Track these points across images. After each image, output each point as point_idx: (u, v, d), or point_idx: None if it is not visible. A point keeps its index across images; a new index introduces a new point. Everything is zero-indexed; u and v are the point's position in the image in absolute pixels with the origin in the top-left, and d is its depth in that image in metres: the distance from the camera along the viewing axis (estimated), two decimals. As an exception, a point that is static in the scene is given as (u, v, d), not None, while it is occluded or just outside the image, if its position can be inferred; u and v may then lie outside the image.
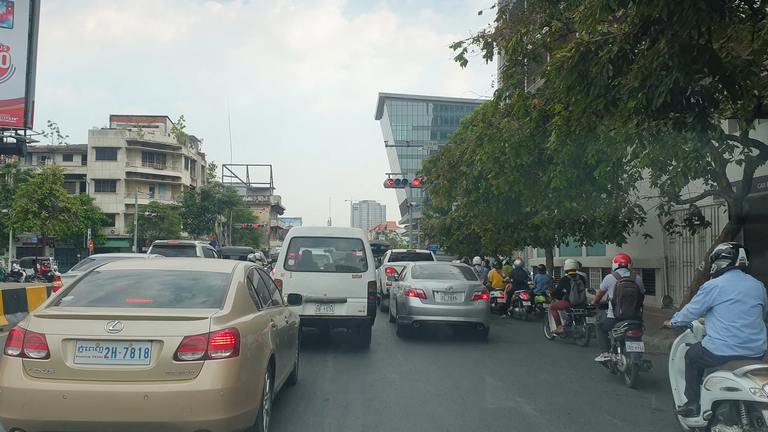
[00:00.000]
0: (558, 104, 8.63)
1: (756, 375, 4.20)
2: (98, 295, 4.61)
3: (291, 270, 9.63)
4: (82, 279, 4.82)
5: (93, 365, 3.96)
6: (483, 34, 10.13)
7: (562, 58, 6.70)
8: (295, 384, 6.97)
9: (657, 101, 6.24)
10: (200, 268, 5.31)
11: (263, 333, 4.94)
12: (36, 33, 23.86)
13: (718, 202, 13.87)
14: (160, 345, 4.00)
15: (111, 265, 5.39)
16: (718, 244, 10.81)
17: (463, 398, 6.60)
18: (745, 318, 4.73)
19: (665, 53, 5.84)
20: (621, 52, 6.40)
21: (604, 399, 6.71)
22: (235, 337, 4.16)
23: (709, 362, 4.77)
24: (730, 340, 4.71)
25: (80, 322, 4.12)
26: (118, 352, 4.00)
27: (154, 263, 5.76)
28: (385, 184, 29.37)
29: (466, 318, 11.10)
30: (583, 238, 15.52)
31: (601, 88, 6.65)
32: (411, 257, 17.68)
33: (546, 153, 11.54)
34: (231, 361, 4.10)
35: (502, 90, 11.14)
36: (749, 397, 4.13)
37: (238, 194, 62.73)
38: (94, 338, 4.00)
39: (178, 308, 4.46)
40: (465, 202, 18.62)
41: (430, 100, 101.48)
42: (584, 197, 12.60)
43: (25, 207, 42.38)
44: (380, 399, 6.48)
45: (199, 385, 3.96)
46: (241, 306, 4.65)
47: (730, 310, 4.76)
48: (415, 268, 12.38)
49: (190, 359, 4.00)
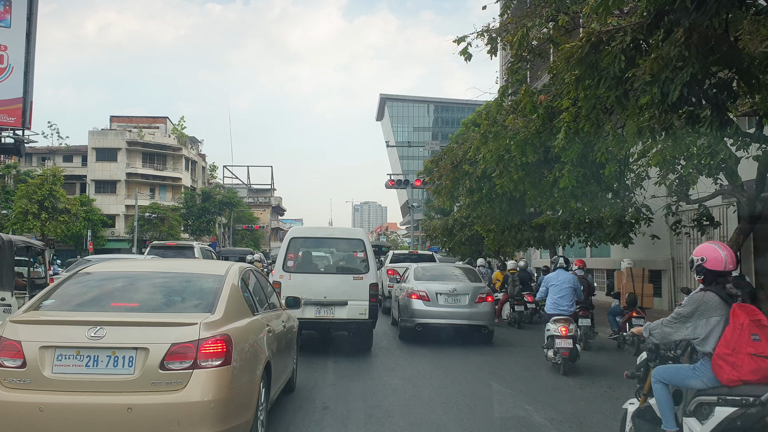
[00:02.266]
0: (566, 100, 8.32)
1: (556, 322, 8.40)
2: (81, 299, 4.32)
3: (290, 271, 9.35)
4: (65, 281, 4.53)
5: (72, 375, 3.66)
6: (487, 29, 9.83)
7: (571, 49, 6.40)
8: (294, 391, 6.68)
9: (673, 94, 5.93)
10: (192, 270, 5.02)
11: (258, 339, 4.65)
12: (34, 32, 23.58)
13: (726, 202, 13.56)
14: (145, 353, 3.71)
15: (98, 266, 5.11)
16: (731, 245, 10.57)
17: (470, 406, 6.30)
18: (561, 294, 8.70)
19: (682, 43, 5.53)
20: (634, 42, 6.09)
21: (615, 406, 6.38)
22: (226, 344, 3.87)
23: (544, 317, 9.00)
24: (553, 306, 8.71)
25: (59, 328, 3.83)
26: (99, 361, 3.70)
27: (144, 264, 5.47)
28: (387, 185, 29.01)
29: (470, 321, 10.80)
30: (588, 238, 15.22)
31: (613, 80, 6.34)
32: (413, 258, 17.39)
33: (552, 151, 11.25)
34: (222, 371, 3.81)
35: (506, 87, 10.84)
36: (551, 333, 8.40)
37: (238, 195, 62.42)
38: (74, 346, 3.71)
39: (165, 313, 4.16)
40: (468, 202, 18.34)
41: (430, 101, 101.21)
42: (589, 197, 12.31)
43: (24, 208, 42.13)
44: (382, 407, 6.18)
45: (188, 397, 3.66)
46: (234, 310, 4.35)
47: (554, 289, 8.80)
48: (417, 269, 12.08)
49: (177, 368, 3.70)
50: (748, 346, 3.61)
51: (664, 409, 3.93)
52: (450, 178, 15.65)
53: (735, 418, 3.53)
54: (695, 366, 3.91)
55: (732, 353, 3.64)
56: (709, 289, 3.89)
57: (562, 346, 8.16)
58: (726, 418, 3.56)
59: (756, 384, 3.53)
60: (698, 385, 3.82)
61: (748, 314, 3.70)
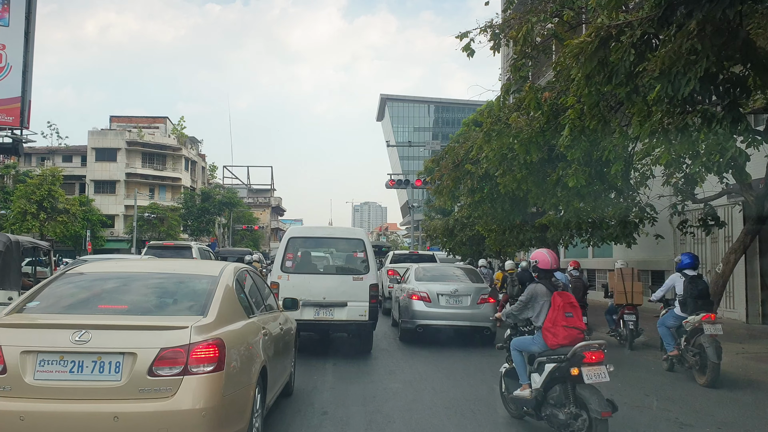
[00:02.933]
0: (571, 97, 8.12)
1: None
2: (67, 301, 4.11)
3: (288, 272, 9.14)
4: (51, 282, 4.32)
5: (55, 382, 3.46)
6: (491, 24, 9.63)
7: (580, 44, 6.21)
8: (292, 395, 6.47)
9: (684, 89, 5.74)
10: (184, 271, 4.81)
11: (254, 342, 4.44)
12: (32, 31, 23.44)
13: (732, 201, 13.36)
14: (132, 358, 3.51)
15: (87, 266, 4.90)
16: (738, 245, 10.38)
17: (473, 410, 6.10)
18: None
19: (695, 36, 5.34)
20: (644, 36, 5.90)
21: (624, 410, 6.18)
22: (219, 348, 3.67)
23: None
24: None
25: (42, 332, 3.62)
26: (84, 367, 3.50)
27: (135, 265, 5.26)
28: (387, 185, 28.80)
29: (472, 322, 10.60)
30: (590, 238, 15.01)
31: (623, 76, 6.14)
32: (413, 259, 17.19)
33: (556, 150, 11.05)
34: (214, 377, 3.60)
35: (510, 84, 10.64)
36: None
37: (238, 195, 62.26)
38: (58, 350, 3.51)
39: (155, 316, 3.95)
40: (469, 202, 18.13)
41: (431, 101, 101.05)
42: (593, 196, 12.12)
43: (23, 208, 41.95)
44: (383, 412, 5.98)
45: (178, 405, 3.46)
46: (227, 313, 4.15)
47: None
48: (418, 270, 11.87)
49: (167, 374, 3.50)
50: (563, 320, 5.09)
51: (520, 368, 5.45)
52: (451, 177, 15.45)
53: (554, 370, 5.01)
54: (533, 336, 5.39)
55: (553, 326, 5.11)
56: (540, 282, 5.42)
57: None
58: (551, 371, 5.04)
59: (568, 346, 4.97)
60: (536, 349, 5.29)
61: (564, 299, 5.19)
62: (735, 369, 8.51)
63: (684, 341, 7.92)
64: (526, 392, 5.26)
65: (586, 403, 4.72)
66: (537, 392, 5.15)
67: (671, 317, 8.21)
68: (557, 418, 4.92)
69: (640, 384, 7.63)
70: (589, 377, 4.74)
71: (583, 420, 4.72)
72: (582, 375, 4.73)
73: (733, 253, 10.39)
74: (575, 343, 4.91)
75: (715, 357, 7.30)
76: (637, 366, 8.92)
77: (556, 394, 5.03)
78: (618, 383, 7.58)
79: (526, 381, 5.32)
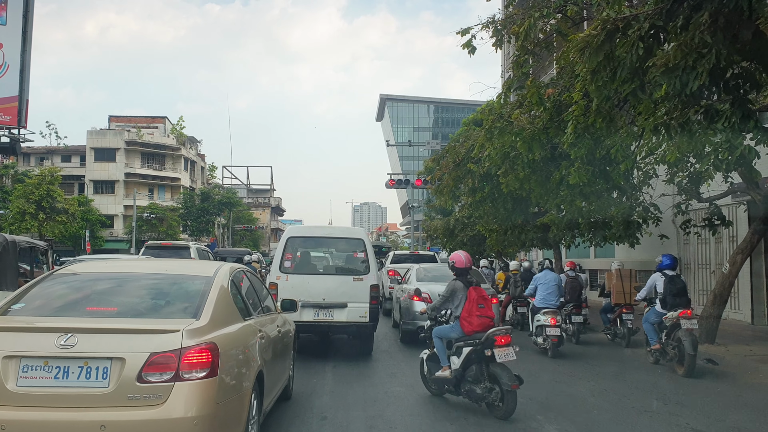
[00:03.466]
0: (576, 93, 7.94)
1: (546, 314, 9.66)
2: (54, 303, 3.94)
3: (287, 272, 8.96)
4: (38, 283, 4.14)
5: (40, 388, 3.28)
6: (493, 20, 9.45)
7: (586, 38, 6.01)
8: (290, 399, 6.30)
9: (693, 84, 5.55)
10: (178, 271, 4.63)
11: (250, 346, 4.26)
12: (30, 30, 23.25)
13: (737, 201, 13.19)
14: (121, 363, 3.33)
15: (78, 266, 4.73)
16: (745, 245, 10.20)
17: (476, 414, 5.92)
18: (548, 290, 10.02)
19: (707, 28, 5.15)
20: (652, 29, 5.71)
21: (633, 416, 6.02)
22: (212, 353, 3.49)
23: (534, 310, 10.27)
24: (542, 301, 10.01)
25: (26, 335, 3.45)
26: (70, 373, 3.32)
27: (128, 265, 5.08)
28: (387, 185, 28.63)
29: (475, 323, 10.41)
30: (593, 238, 14.84)
31: (630, 71, 5.96)
32: (414, 259, 17.00)
33: (559, 148, 10.88)
34: (207, 383, 3.43)
35: (512, 80, 10.45)
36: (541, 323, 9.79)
37: (238, 196, 62.07)
38: (42, 355, 3.33)
39: (145, 319, 3.77)
40: (470, 201, 17.95)
41: (431, 101, 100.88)
42: (596, 195, 11.95)
43: (22, 208, 41.73)
44: (384, 417, 5.80)
45: (169, 412, 3.29)
46: (222, 315, 3.97)
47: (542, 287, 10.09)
48: (419, 270, 11.70)
49: (157, 381, 3.32)
50: (477, 310, 6.08)
51: (441, 353, 6.38)
52: (452, 176, 15.27)
53: (471, 352, 5.98)
54: (452, 325, 6.34)
55: (469, 316, 6.09)
56: (458, 279, 6.43)
57: (551, 334, 9.55)
58: (468, 353, 5.99)
59: (481, 332, 5.96)
60: (455, 336, 6.26)
61: (478, 293, 6.21)
62: (744, 371, 8.33)
63: (665, 335, 8.57)
64: (446, 373, 6.20)
65: (499, 379, 5.72)
66: (456, 372, 6.07)
67: (653, 314, 8.83)
68: (475, 393, 5.90)
69: (646, 386, 7.47)
70: (500, 357, 5.76)
71: (496, 392, 5.73)
72: (494, 355, 5.75)
73: (740, 254, 10.22)
74: (487, 330, 5.92)
75: (691, 349, 7.90)
76: (640, 366, 8.76)
77: (473, 372, 6.00)
78: (621, 385, 7.44)
79: (447, 363, 6.25)
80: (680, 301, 8.39)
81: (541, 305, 9.98)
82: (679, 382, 7.77)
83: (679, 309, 8.25)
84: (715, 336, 10.15)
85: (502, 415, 5.68)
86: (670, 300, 8.45)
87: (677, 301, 8.39)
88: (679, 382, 7.82)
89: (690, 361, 7.92)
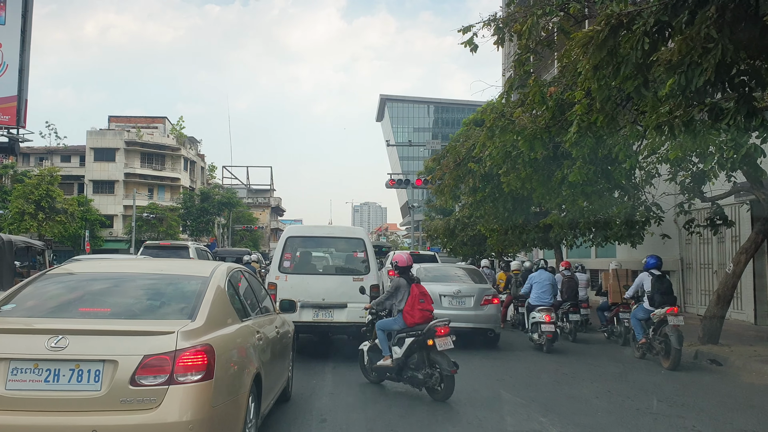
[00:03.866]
0: (579, 91, 7.84)
1: (541, 311, 10.13)
2: (46, 303, 3.84)
3: (286, 272, 8.86)
4: (30, 283, 4.04)
5: (29, 392, 3.19)
6: (494, 18, 9.35)
7: (590, 32, 5.91)
8: (289, 400, 6.19)
9: (698, 80, 5.45)
10: (174, 271, 4.52)
11: (247, 347, 4.16)
12: (29, 30, 23.17)
13: (739, 200, 13.09)
14: (113, 366, 3.23)
15: (71, 266, 4.64)
16: (749, 245, 10.10)
17: (479, 418, 5.82)
18: (543, 289, 10.53)
19: (714, 22, 5.04)
20: (657, 24, 5.61)
21: (638, 419, 5.92)
22: (208, 355, 3.39)
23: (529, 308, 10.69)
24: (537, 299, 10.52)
25: (15, 337, 3.35)
26: (61, 375, 3.22)
27: (123, 264, 4.98)
28: (387, 185, 28.52)
29: (476, 324, 10.32)
30: (594, 238, 14.73)
31: (634, 67, 5.85)
32: (414, 259, 16.87)
33: (561, 147, 10.78)
34: (203, 386, 3.33)
35: (513, 79, 10.35)
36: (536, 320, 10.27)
37: (237, 196, 61.96)
38: (32, 358, 3.23)
39: (139, 320, 3.67)
40: (470, 201, 17.84)
41: (431, 101, 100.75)
42: (598, 195, 11.85)
43: (21, 208, 41.65)
44: (385, 419, 5.70)
45: (163, 417, 3.19)
46: (218, 316, 3.87)
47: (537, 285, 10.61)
48: (420, 270, 11.57)
49: (151, 384, 3.23)
50: (419, 305, 6.70)
51: (383, 343, 6.85)
52: (452, 176, 15.18)
53: (413, 342, 6.54)
54: (395, 318, 6.86)
55: (411, 309, 6.68)
56: (401, 276, 7.01)
57: (546, 330, 9.99)
58: (410, 343, 6.56)
59: (422, 324, 6.56)
60: (397, 327, 6.79)
61: (419, 289, 6.85)
62: (749, 373, 8.24)
63: (651, 331, 8.99)
64: (388, 362, 6.73)
65: (439, 365, 6.32)
66: (398, 360, 6.62)
67: (641, 311, 9.27)
68: (417, 378, 6.52)
69: (649, 387, 7.37)
70: (440, 346, 6.33)
71: (436, 377, 6.34)
72: (435, 344, 6.31)
73: (744, 254, 10.12)
74: (427, 322, 6.55)
75: (677, 344, 8.38)
76: (640, 365, 8.67)
77: (414, 360, 6.57)
78: (624, 386, 7.34)
79: (388, 353, 6.77)
80: (667, 299, 8.84)
81: (536, 303, 10.45)
82: (683, 384, 7.68)
83: (666, 306, 8.67)
84: (718, 336, 10.05)
85: (441, 398, 6.30)
86: (658, 298, 8.87)
87: (664, 299, 8.82)
88: (682, 383, 7.73)
89: (675, 355, 8.39)
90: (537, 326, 10.23)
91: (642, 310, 9.22)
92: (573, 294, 11.85)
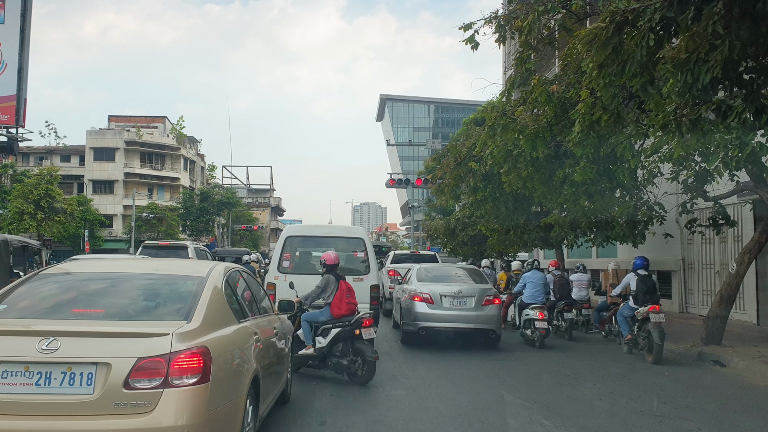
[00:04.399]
0: (584, 90, 7.74)
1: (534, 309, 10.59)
2: (38, 304, 3.75)
3: (286, 273, 8.79)
4: (22, 283, 3.95)
5: (20, 395, 3.09)
6: (496, 15, 9.26)
7: (594, 30, 5.82)
8: (288, 402, 6.10)
9: (705, 77, 5.36)
10: (170, 271, 4.43)
11: (245, 349, 4.07)
12: (28, 29, 23.11)
13: (741, 200, 12.99)
14: (107, 369, 3.14)
15: (66, 265, 4.55)
16: (753, 245, 10.00)
17: (482, 420, 5.72)
18: (536, 288, 11.05)
19: (719, 19, 4.95)
20: (663, 21, 5.52)
21: (642, 421, 5.83)
22: (204, 357, 3.30)
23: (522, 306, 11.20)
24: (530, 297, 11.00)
25: (5, 339, 3.25)
26: (53, 379, 3.13)
27: (119, 264, 4.88)
28: (387, 185, 28.44)
29: (477, 325, 10.22)
30: (596, 238, 14.64)
31: (639, 65, 5.76)
32: (414, 259, 16.81)
33: (563, 146, 10.69)
34: (199, 389, 3.24)
35: (515, 77, 10.26)
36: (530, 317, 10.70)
37: (237, 195, 61.84)
38: (22, 360, 3.14)
39: (133, 321, 3.58)
40: (471, 201, 17.74)
41: (431, 101, 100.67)
42: (600, 195, 11.75)
43: (20, 208, 41.54)
44: (385, 422, 5.61)
45: (157, 421, 3.10)
46: (215, 317, 3.78)
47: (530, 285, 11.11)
48: (420, 270, 11.49)
49: (145, 387, 3.14)
50: (345, 298, 7.38)
51: (307, 334, 7.41)
52: (453, 175, 15.06)
53: (340, 332, 7.20)
54: (322, 310, 7.48)
55: (339, 303, 7.36)
56: (330, 273, 7.64)
57: (539, 326, 10.45)
58: (336, 333, 7.21)
59: (348, 316, 7.31)
60: (323, 319, 7.43)
61: (346, 285, 7.55)
62: (753, 374, 8.15)
63: (636, 328, 9.45)
64: (310, 351, 7.30)
65: (363, 352, 7.03)
66: (322, 349, 7.23)
67: (627, 309, 9.79)
68: (341, 365, 7.15)
69: (652, 388, 7.28)
70: (366, 335, 7.13)
71: (359, 363, 7.04)
72: (361, 334, 7.10)
73: (747, 253, 10.03)
74: (352, 314, 7.31)
75: (658, 339, 8.84)
76: (639, 364, 8.59)
77: (340, 348, 7.20)
78: (626, 387, 7.25)
79: (311, 343, 7.34)
80: (650, 297, 9.27)
81: (529, 301, 11.00)
82: (686, 385, 7.59)
83: (648, 304, 9.11)
84: (721, 337, 9.96)
85: (363, 381, 6.99)
86: (641, 296, 9.33)
87: (647, 297, 9.26)
88: (686, 384, 7.64)
89: (657, 350, 8.86)
90: (530, 323, 10.71)
91: (627, 308, 9.73)
92: (566, 293, 12.16)
